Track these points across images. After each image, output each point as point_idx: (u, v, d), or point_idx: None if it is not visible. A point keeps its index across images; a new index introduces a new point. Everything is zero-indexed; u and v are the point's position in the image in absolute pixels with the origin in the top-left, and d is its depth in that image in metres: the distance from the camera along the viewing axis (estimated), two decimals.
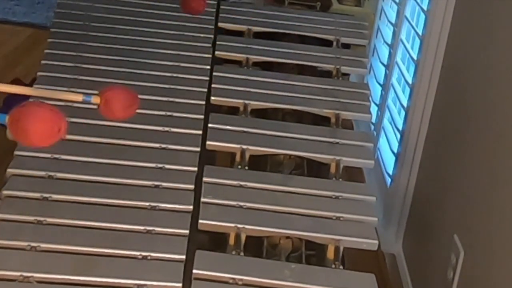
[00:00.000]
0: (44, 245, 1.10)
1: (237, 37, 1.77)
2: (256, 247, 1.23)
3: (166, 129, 1.41)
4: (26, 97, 1.44)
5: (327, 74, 1.69)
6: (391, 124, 2.06)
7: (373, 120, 2.16)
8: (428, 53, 1.74)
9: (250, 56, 1.68)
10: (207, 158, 1.38)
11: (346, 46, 1.82)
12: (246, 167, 1.35)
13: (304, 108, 1.54)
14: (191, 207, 1.21)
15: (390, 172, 1.96)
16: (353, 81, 1.94)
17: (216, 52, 1.68)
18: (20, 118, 0.93)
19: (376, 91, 2.20)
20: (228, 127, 1.43)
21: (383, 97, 2.14)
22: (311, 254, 1.26)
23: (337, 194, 1.30)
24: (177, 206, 1.21)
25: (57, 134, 0.96)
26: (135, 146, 1.35)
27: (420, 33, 1.81)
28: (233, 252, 1.16)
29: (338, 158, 1.38)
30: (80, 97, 1.01)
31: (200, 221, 1.19)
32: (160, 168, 1.30)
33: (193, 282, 1.08)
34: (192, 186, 1.26)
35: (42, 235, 1.12)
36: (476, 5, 1.56)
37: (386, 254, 1.95)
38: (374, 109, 2.15)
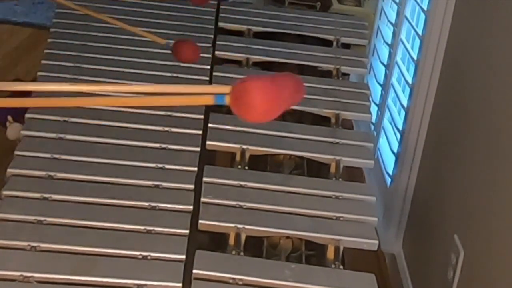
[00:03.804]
0: (44, 245, 1.10)
1: (237, 37, 1.77)
2: (256, 247, 1.23)
3: (166, 129, 1.41)
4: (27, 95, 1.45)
5: (327, 74, 1.69)
6: (391, 124, 2.06)
7: (373, 120, 2.16)
8: (428, 53, 1.74)
9: (250, 56, 1.68)
10: (207, 158, 1.38)
11: (346, 46, 1.82)
12: (246, 167, 1.35)
13: (304, 108, 1.53)
14: (191, 207, 1.21)
15: (390, 172, 1.96)
16: (353, 81, 1.94)
17: (216, 52, 1.68)
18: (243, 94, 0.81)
19: (376, 91, 2.20)
20: (228, 127, 1.43)
21: (383, 97, 2.14)
22: (311, 254, 1.26)
23: (337, 194, 1.30)
24: (177, 206, 1.21)
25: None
26: (135, 146, 1.35)
27: (420, 33, 1.81)
28: (233, 252, 1.16)
29: (338, 158, 1.38)
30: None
31: (200, 221, 1.19)
32: (160, 168, 1.30)
33: (193, 282, 1.08)
34: (192, 186, 1.26)
35: (42, 235, 1.12)
36: (476, 5, 1.56)
37: (386, 254, 1.95)
38: (374, 109, 2.15)
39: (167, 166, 1.31)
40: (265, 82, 0.81)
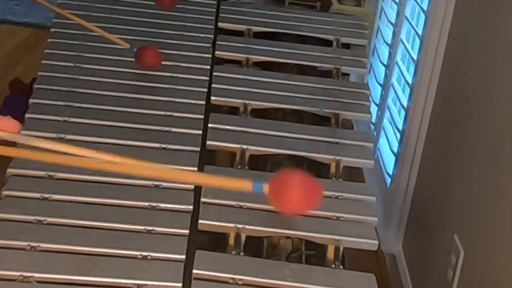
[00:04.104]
0: (44, 245, 1.10)
1: (237, 37, 1.77)
2: (256, 247, 1.23)
3: (166, 129, 1.41)
4: (26, 98, 1.45)
5: (327, 74, 1.69)
6: (391, 124, 2.06)
7: (373, 120, 2.16)
8: (428, 53, 1.74)
9: (250, 56, 1.68)
10: (207, 158, 1.37)
11: (346, 46, 1.82)
12: (246, 167, 1.35)
13: (304, 108, 1.54)
14: (191, 207, 1.21)
15: (390, 172, 1.96)
16: (353, 81, 1.94)
17: (216, 52, 1.68)
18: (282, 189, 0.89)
19: (376, 91, 2.20)
20: (228, 127, 1.43)
21: (383, 97, 2.14)
22: (311, 254, 1.26)
23: (337, 194, 1.30)
24: (177, 206, 1.21)
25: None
26: (135, 146, 1.35)
27: (420, 33, 1.81)
28: (233, 252, 1.16)
29: (338, 158, 1.38)
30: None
31: (200, 221, 1.19)
32: None
33: (193, 282, 1.08)
34: (192, 186, 1.26)
35: (42, 235, 1.12)
36: (476, 5, 1.56)
37: (386, 254, 1.95)
38: (374, 109, 2.15)
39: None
40: (304, 179, 0.90)
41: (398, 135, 1.93)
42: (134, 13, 1.80)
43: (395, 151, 1.94)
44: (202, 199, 1.23)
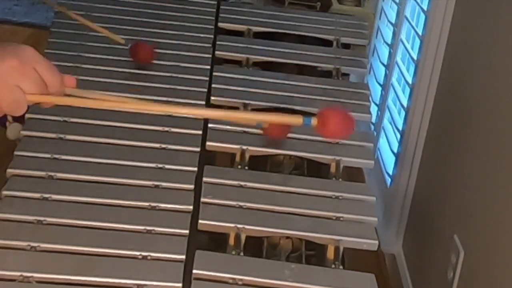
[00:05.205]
0: (44, 245, 1.10)
1: (237, 37, 1.77)
2: (256, 247, 1.23)
3: (166, 129, 1.41)
4: None
5: (327, 74, 1.69)
6: (391, 124, 2.06)
7: (373, 120, 2.16)
8: (428, 53, 1.74)
9: (250, 56, 1.68)
10: (207, 158, 1.37)
11: (346, 46, 1.82)
12: (246, 167, 1.35)
13: (304, 108, 1.53)
14: (191, 207, 1.21)
15: (390, 172, 1.96)
16: (353, 81, 1.94)
17: (216, 52, 1.68)
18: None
19: (376, 91, 2.20)
20: (228, 127, 1.43)
21: (383, 97, 2.14)
22: (311, 254, 1.26)
23: (337, 194, 1.30)
24: (177, 206, 1.21)
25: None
26: (135, 146, 1.35)
27: (420, 33, 1.81)
28: (233, 252, 1.16)
29: (338, 158, 1.38)
30: (300, 120, 1.10)
31: (200, 221, 1.19)
32: (160, 168, 1.30)
33: (193, 282, 1.08)
34: (192, 186, 1.26)
35: (42, 235, 1.12)
36: (476, 5, 1.56)
37: (386, 254, 1.95)
38: (374, 109, 2.15)
39: (167, 166, 1.31)
40: (344, 113, 1.14)
41: (398, 135, 1.93)
42: (134, 13, 1.80)
43: (395, 151, 1.94)
44: (202, 199, 1.23)
